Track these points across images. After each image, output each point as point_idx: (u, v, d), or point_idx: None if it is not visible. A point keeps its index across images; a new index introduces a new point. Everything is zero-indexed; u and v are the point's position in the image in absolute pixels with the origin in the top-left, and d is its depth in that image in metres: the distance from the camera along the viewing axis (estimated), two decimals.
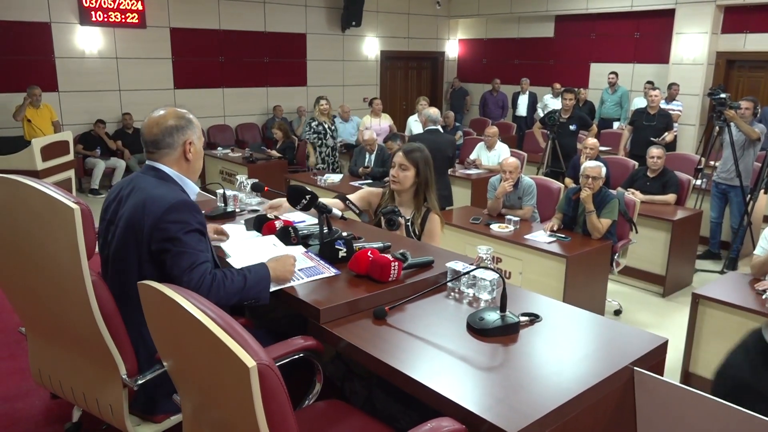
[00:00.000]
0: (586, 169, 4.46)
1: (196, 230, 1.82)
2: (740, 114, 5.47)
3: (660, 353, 1.71)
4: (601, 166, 4.49)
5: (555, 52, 11.33)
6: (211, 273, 1.79)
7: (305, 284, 1.99)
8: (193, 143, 1.96)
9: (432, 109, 5.97)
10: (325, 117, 6.93)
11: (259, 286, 1.88)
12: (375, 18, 11.46)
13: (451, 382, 1.52)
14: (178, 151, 1.94)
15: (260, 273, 1.91)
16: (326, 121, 6.94)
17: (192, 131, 1.96)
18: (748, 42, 8.89)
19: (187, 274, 1.74)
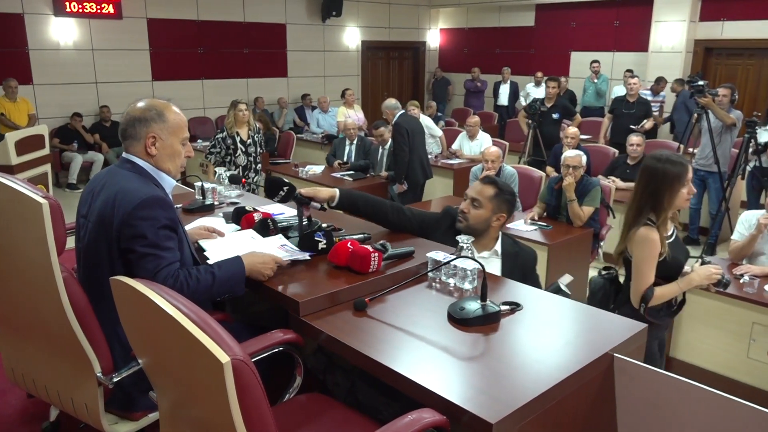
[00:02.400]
0: (566, 158, 4.48)
1: (166, 227, 1.77)
2: (718, 101, 5.52)
3: (639, 339, 1.71)
4: (581, 155, 4.51)
5: (535, 41, 11.35)
6: (174, 275, 1.74)
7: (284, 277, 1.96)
8: (159, 138, 1.88)
9: (388, 99, 6.10)
10: (241, 127, 5.39)
11: (231, 281, 1.84)
12: (356, 8, 11.38)
13: (432, 372, 1.51)
14: (141, 144, 1.87)
15: (232, 268, 1.86)
16: (241, 132, 5.38)
17: (160, 125, 1.88)
18: (725, 30, 8.97)
19: (152, 275, 1.70)
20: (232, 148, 5.33)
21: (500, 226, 2.59)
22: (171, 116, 1.91)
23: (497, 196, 2.51)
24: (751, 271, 3.41)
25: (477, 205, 2.51)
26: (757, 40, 8.70)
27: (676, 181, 2.39)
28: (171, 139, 1.91)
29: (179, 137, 1.94)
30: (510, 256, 2.58)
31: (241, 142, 5.36)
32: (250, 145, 5.40)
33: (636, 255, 2.44)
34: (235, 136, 5.34)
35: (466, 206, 2.53)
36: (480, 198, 2.51)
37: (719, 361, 3.44)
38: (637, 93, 6.97)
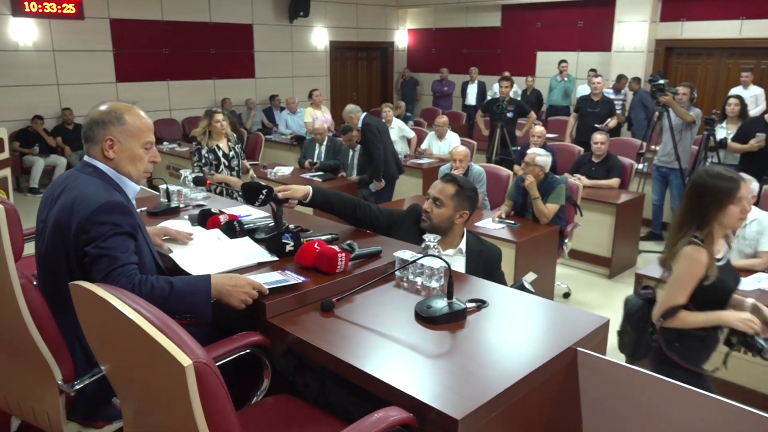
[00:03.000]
0: (526, 157, 4.55)
1: (125, 233, 1.73)
2: (678, 99, 5.66)
3: (602, 332, 1.75)
4: (537, 153, 4.55)
5: (502, 41, 11.48)
6: (127, 276, 1.67)
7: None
8: (117, 141, 1.82)
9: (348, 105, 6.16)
10: (220, 139, 4.92)
11: (193, 298, 1.70)
12: (323, 8, 11.35)
13: (399, 371, 1.52)
14: (99, 147, 1.82)
15: (196, 285, 1.74)
16: (221, 145, 4.91)
17: (118, 128, 1.82)
18: (685, 30, 9.21)
19: (103, 277, 1.66)
20: (215, 163, 4.88)
21: (464, 223, 2.60)
22: (131, 119, 1.86)
23: (458, 193, 2.52)
24: None
25: (439, 204, 2.52)
26: (715, 40, 8.95)
27: (725, 198, 2.19)
28: (130, 143, 1.85)
29: (140, 141, 1.88)
30: (474, 253, 2.59)
31: (224, 155, 4.93)
32: (233, 158, 4.99)
33: (676, 271, 2.27)
34: (216, 149, 4.89)
35: (428, 206, 2.54)
36: (441, 197, 2.52)
37: None
38: (601, 92, 7.11)
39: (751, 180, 3.55)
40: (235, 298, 1.74)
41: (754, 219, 3.54)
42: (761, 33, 8.50)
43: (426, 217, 2.54)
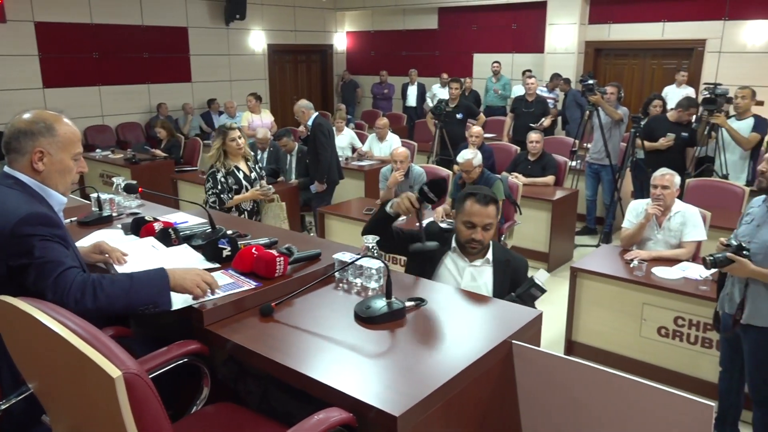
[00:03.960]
0: (461, 163, 4.61)
1: (56, 242, 1.66)
2: (606, 98, 5.91)
3: (536, 325, 1.81)
4: (470, 158, 4.60)
5: (440, 44, 11.66)
6: (81, 277, 1.63)
7: None
8: (47, 153, 1.75)
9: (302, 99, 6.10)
10: (238, 160, 4.29)
11: (153, 288, 1.70)
12: (260, 10, 11.21)
13: (339, 372, 1.53)
14: (26, 159, 1.74)
15: (154, 276, 1.74)
16: (241, 166, 4.29)
17: (48, 140, 1.74)
18: (612, 32, 9.60)
19: (53, 283, 1.58)
20: (235, 187, 4.25)
21: None
22: (62, 129, 1.77)
23: (497, 209, 2.55)
24: (640, 255, 3.67)
25: (489, 227, 2.48)
26: (640, 41, 9.38)
27: None
28: (61, 155, 1.77)
29: (71, 152, 1.80)
30: (501, 263, 2.56)
31: (245, 178, 4.29)
32: (255, 180, 4.36)
33: None
34: (235, 171, 4.25)
35: (480, 234, 2.46)
36: (490, 220, 2.48)
37: (615, 341, 3.68)
38: (535, 92, 7.33)
39: (674, 174, 3.75)
40: (189, 282, 1.76)
41: (678, 211, 3.72)
42: (681, 35, 8.97)
43: (478, 245, 2.49)
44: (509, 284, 2.43)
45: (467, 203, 2.48)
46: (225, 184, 4.21)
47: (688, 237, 3.67)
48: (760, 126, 5.14)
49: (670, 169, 3.80)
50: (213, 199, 4.20)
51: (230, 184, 4.23)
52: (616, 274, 3.58)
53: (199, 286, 1.77)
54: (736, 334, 2.83)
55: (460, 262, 2.56)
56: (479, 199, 2.47)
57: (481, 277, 2.54)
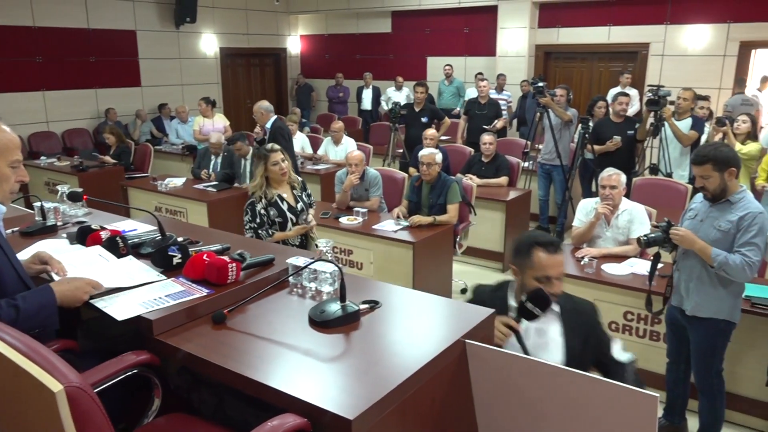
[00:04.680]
0: (421, 157, 4.69)
1: None
2: (556, 100, 6.05)
3: (488, 324, 1.84)
4: (435, 152, 4.71)
5: (393, 47, 11.73)
6: None
7: (132, 297, 1.86)
8: None
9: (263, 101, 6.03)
10: (282, 186, 3.74)
11: (41, 314, 1.66)
12: (211, 14, 11.05)
13: (293, 378, 1.51)
14: None
15: (41, 300, 1.69)
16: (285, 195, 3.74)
17: None
18: (560, 36, 9.85)
19: None
20: (278, 220, 3.67)
21: None
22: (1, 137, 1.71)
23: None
24: (590, 253, 3.77)
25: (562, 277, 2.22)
26: (587, 45, 9.65)
27: None
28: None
29: (7, 159, 1.73)
30: (569, 313, 2.24)
31: (289, 209, 3.70)
32: (301, 211, 3.77)
33: None
34: (278, 202, 3.67)
35: (557, 288, 2.18)
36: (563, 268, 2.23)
37: None
38: (488, 94, 7.45)
39: (620, 173, 3.86)
40: (78, 297, 1.76)
41: (625, 209, 3.84)
42: (626, 39, 9.27)
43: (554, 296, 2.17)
44: (580, 336, 2.16)
45: (536, 255, 2.13)
46: (265, 216, 3.64)
47: (636, 234, 3.79)
48: (697, 125, 5.37)
49: (618, 169, 3.93)
50: (250, 235, 3.60)
51: (272, 217, 3.64)
52: (568, 272, 3.66)
53: (89, 293, 1.80)
54: (682, 326, 2.94)
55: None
56: (549, 247, 2.15)
57: (549, 331, 2.22)
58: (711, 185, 2.75)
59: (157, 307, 1.78)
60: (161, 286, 1.93)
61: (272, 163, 3.63)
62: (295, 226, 3.71)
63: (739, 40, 8.48)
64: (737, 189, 2.77)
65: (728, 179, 2.73)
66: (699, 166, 2.76)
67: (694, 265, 2.83)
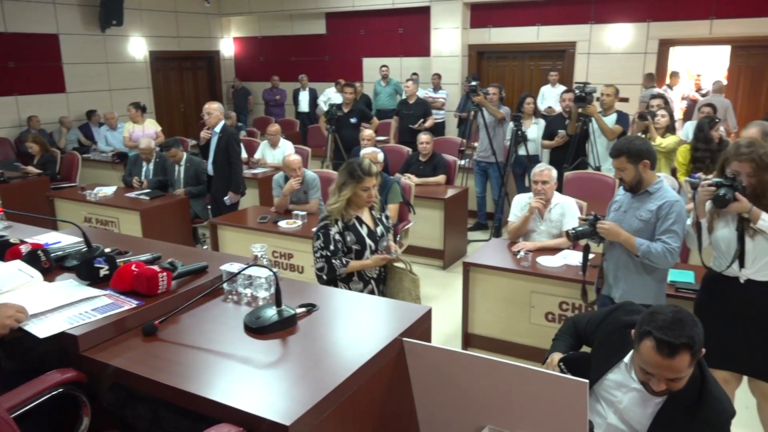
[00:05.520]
0: (363, 155, 4.68)
1: None
2: (489, 99, 6.18)
3: (426, 321, 1.86)
4: (377, 151, 4.74)
5: (329, 48, 11.69)
6: None
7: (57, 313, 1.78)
8: None
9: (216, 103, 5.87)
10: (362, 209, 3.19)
11: None
12: (138, 16, 10.70)
13: (228, 387, 1.49)
14: None
15: None
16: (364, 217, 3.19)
17: None
18: (492, 35, 10.07)
19: None
20: (356, 248, 3.12)
21: None
22: None
23: (693, 357, 1.77)
24: (525, 246, 3.88)
25: (677, 381, 1.80)
26: (518, 44, 9.91)
27: None
28: None
29: None
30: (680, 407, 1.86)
31: (369, 234, 3.16)
32: (381, 237, 3.23)
33: None
34: (357, 226, 3.14)
35: (660, 386, 1.81)
36: (677, 376, 1.79)
37: (508, 330, 3.85)
38: (414, 94, 7.54)
39: (551, 169, 3.98)
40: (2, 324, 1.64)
41: (557, 203, 3.97)
42: (554, 38, 9.58)
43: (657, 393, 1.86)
44: None
45: (645, 345, 1.79)
46: (341, 242, 3.11)
47: (568, 226, 3.90)
48: (622, 120, 5.62)
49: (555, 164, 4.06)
50: (321, 265, 3.10)
51: (348, 243, 3.11)
52: (505, 266, 3.75)
53: (13, 317, 1.66)
54: None
55: (627, 378, 1.98)
56: (662, 346, 1.74)
57: (642, 405, 1.95)
58: (627, 177, 2.90)
59: (83, 321, 1.71)
60: (87, 300, 1.85)
61: (363, 188, 3.06)
62: (374, 254, 3.17)
63: (658, 38, 8.90)
64: (654, 180, 2.92)
65: (643, 171, 2.88)
66: (615, 158, 2.91)
67: (620, 254, 2.96)
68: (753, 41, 8.49)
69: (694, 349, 1.74)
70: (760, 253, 2.58)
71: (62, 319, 1.73)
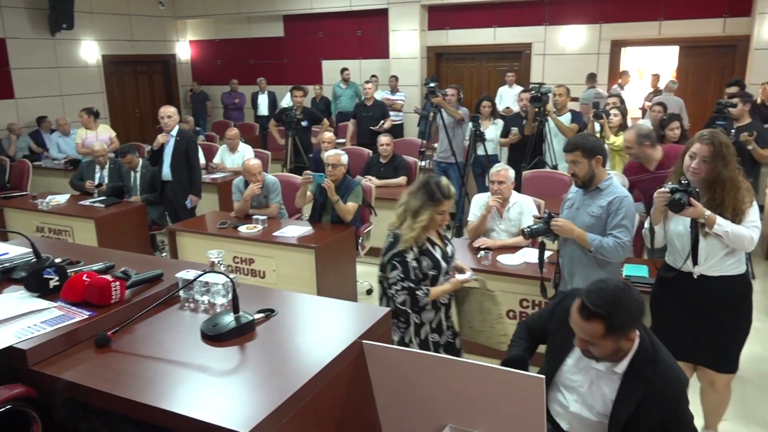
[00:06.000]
0: (327, 158, 4.67)
1: None
2: (447, 100, 6.24)
3: (385, 323, 1.86)
4: (340, 153, 4.73)
5: (287, 51, 11.62)
6: None
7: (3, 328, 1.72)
8: None
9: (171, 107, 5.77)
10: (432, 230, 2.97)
11: None
12: (90, 19, 10.44)
13: (184, 396, 1.46)
14: None
15: None
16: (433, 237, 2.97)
17: None
18: (450, 37, 10.17)
19: None
20: (433, 272, 2.88)
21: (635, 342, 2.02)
22: None
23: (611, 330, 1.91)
24: (485, 244, 3.92)
25: (594, 345, 1.97)
26: (475, 46, 10.04)
27: None
28: None
29: None
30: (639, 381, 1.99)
31: (443, 256, 2.94)
32: (451, 257, 3.04)
33: None
34: (430, 249, 2.89)
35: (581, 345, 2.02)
36: (592, 340, 1.96)
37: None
38: (372, 96, 7.57)
39: (508, 169, 4.05)
40: None
41: (515, 202, 4.03)
42: (510, 39, 9.74)
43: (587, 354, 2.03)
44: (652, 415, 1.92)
45: (576, 302, 1.98)
46: (417, 269, 2.84)
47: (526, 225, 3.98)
48: (576, 118, 5.76)
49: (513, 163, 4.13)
50: (403, 298, 2.82)
51: (424, 269, 2.85)
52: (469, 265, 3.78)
53: None
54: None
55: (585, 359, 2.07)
56: (581, 308, 1.95)
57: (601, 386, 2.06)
58: (581, 171, 2.97)
59: (32, 335, 1.66)
60: (37, 313, 1.79)
61: (440, 212, 2.83)
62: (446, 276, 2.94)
63: (610, 39, 9.15)
64: (605, 177, 3.01)
65: (596, 166, 2.96)
66: (570, 153, 2.98)
67: (575, 250, 3.03)
68: (700, 41, 8.80)
69: (611, 323, 1.87)
70: (713, 251, 2.67)
71: (10, 332, 1.67)
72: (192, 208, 5.50)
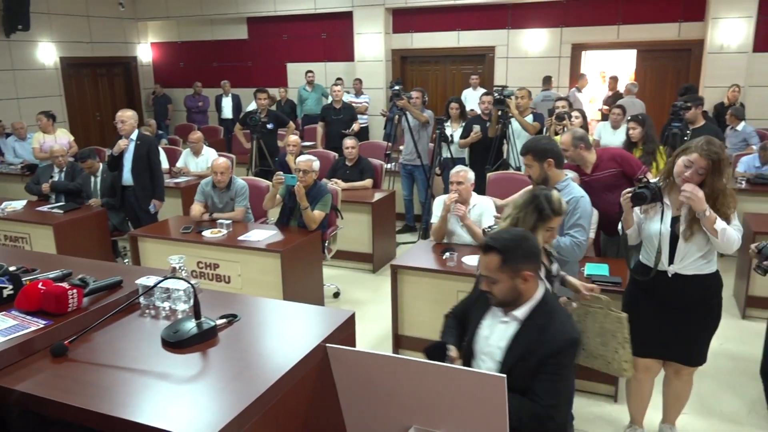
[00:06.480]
0: (298, 163, 4.63)
1: None
2: (412, 102, 6.28)
3: (349, 326, 1.86)
4: (312, 159, 4.69)
5: (251, 54, 11.53)
6: None
7: None
8: None
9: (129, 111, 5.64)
10: None
11: None
12: (47, 21, 10.17)
13: (146, 405, 1.44)
14: None
15: None
16: None
17: None
18: (414, 40, 10.23)
19: None
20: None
21: (536, 283, 2.15)
22: None
23: (506, 262, 2.07)
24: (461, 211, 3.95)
25: (492, 281, 2.11)
26: (439, 49, 10.12)
27: None
28: None
29: None
30: (533, 327, 2.11)
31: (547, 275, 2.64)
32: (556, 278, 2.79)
33: None
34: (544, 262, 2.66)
35: (485, 286, 2.15)
36: (490, 274, 2.10)
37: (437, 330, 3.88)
38: (341, 99, 7.56)
39: (467, 170, 4.09)
40: None
41: (475, 204, 4.08)
42: (474, 42, 9.85)
43: (490, 298, 2.17)
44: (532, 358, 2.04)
45: None
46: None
47: (486, 225, 4.03)
48: (537, 119, 5.87)
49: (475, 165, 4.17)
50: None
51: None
52: (432, 267, 3.82)
53: None
54: None
55: (497, 314, 2.21)
56: (483, 244, 2.16)
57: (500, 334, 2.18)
58: (534, 174, 3.04)
59: None
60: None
61: (549, 228, 2.57)
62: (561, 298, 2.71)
63: (571, 42, 9.33)
64: (561, 178, 3.07)
65: (548, 169, 3.02)
66: (523, 156, 3.06)
67: None
68: (656, 45, 9.05)
69: (505, 256, 2.07)
70: (689, 252, 2.70)
71: None
72: (155, 213, 5.40)
